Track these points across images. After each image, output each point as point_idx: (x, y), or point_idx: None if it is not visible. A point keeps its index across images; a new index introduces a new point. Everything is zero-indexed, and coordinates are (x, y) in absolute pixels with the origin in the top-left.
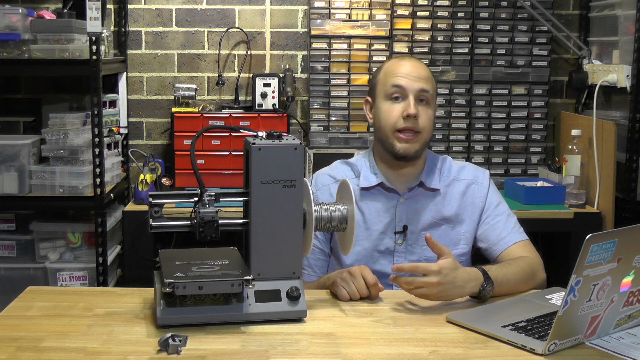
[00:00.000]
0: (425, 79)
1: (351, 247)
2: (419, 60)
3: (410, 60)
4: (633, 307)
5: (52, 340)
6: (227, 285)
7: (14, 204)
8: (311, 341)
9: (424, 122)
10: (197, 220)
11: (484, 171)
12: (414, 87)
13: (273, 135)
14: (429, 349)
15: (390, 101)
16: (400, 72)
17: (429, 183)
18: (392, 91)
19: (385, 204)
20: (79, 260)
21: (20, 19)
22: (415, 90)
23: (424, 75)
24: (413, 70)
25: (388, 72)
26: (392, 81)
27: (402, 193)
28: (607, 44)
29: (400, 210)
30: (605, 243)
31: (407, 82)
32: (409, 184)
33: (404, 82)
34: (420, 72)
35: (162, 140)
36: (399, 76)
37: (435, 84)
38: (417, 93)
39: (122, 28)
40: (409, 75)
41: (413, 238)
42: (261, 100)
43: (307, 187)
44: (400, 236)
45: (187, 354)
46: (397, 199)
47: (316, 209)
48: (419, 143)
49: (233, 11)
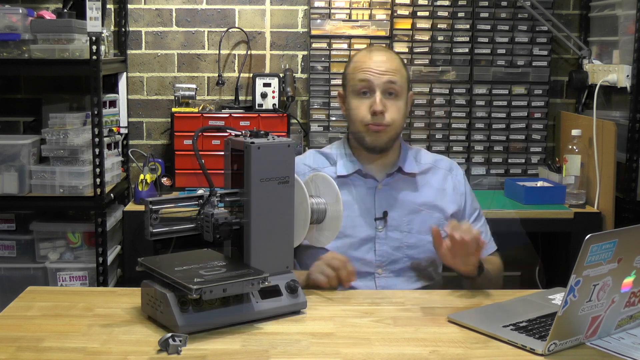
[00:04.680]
0: (393, 71)
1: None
2: (389, 51)
3: (378, 52)
4: (634, 307)
5: (52, 340)
6: (248, 284)
7: (14, 204)
8: (311, 341)
9: (392, 115)
10: (211, 222)
11: (458, 166)
12: (381, 80)
13: (259, 134)
14: (429, 349)
15: (359, 96)
16: (367, 66)
17: (407, 168)
18: (359, 86)
19: (363, 191)
20: (79, 260)
21: (20, 19)
22: (381, 84)
23: (392, 67)
24: (380, 63)
25: (356, 66)
26: (359, 76)
27: (380, 179)
28: (607, 44)
29: (380, 197)
30: (606, 243)
31: (374, 76)
32: (387, 170)
33: (371, 77)
34: (388, 65)
35: (162, 140)
36: (365, 70)
37: (406, 73)
38: (384, 86)
39: (122, 28)
40: (375, 68)
41: (394, 224)
42: (261, 100)
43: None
44: (381, 222)
45: (187, 354)
46: (375, 185)
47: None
48: (388, 135)
49: (233, 11)
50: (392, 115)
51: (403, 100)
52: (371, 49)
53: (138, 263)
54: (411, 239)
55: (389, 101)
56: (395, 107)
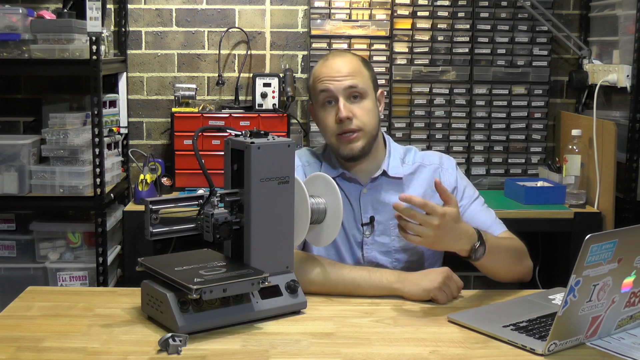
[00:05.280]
0: (352, 74)
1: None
2: (345, 54)
3: (333, 58)
4: (635, 307)
5: (52, 340)
6: (248, 284)
7: (14, 204)
8: (311, 341)
9: (362, 118)
10: (211, 222)
11: (450, 158)
12: (341, 87)
13: (259, 134)
14: (429, 349)
15: (324, 107)
16: (325, 75)
17: (392, 172)
18: (321, 97)
19: (348, 195)
20: (79, 260)
21: (20, 19)
22: (342, 90)
23: (350, 69)
24: (337, 68)
25: (315, 78)
26: (319, 86)
27: (365, 183)
28: (607, 44)
29: (365, 201)
30: (606, 243)
31: (333, 84)
32: (371, 174)
33: (330, 85)
34: (346, 68)
35: (162, 140)
36: (323, 80)
37: (368, 72)
38: (346, 92)
39: (122, 28)
40: (333, 76)
41: (381, 228)
42: (261, 100)
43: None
44: (368, 228)
45: (187, 354)
46: (359, 189)
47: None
48: (362, 140)
49: (233, 11)
50: (361, 119)
51: (370, 100)
52: (327, 56)
53: (138, 263)
54: (400, 242)
55: (354, 105)
56: (362, 109)
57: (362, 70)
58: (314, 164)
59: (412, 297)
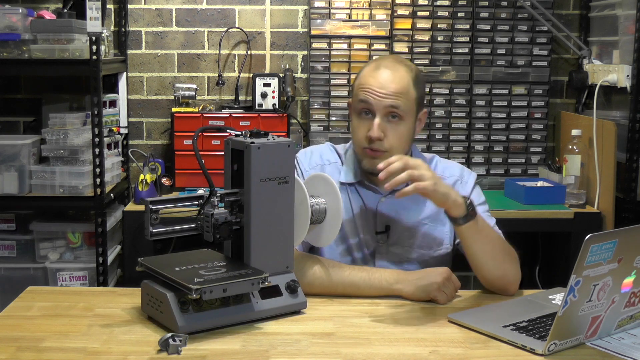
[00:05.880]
0: (397, 94)
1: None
2: (399, 66)
3: (385, 69)
4: (635, 307)
5: (52, 340)
6: (248, 284)
7: (14, 204)
8: (311, 341)
9: (391, 141)
10: (211, 222)
11: (471, 172)
12: (382, 104)
13: (259, 134)
14: (429, 349)
15: (359, 116)
16: (369, 86)
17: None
18: (359, 107)
19: (365, 202)
20: (79, 260)
21: (20, 19)
22: (382, 108)
23: (397, 89)
24: (384, 83)
25: (360, 83)
26: (360, 95)
27: (384, 192)
28: (607, 44)
29: (382, 210)
30: (606, 243)
31: (375, 99)
32: None
33: (371, 99)
34: (393, 86)
35: (162, 140)
36: (366, 90)
37: (416, 93)
38: (385, 111)
39: (122, 28)
40: (378, 90)
41: (394, 238)
42: (261, 100)
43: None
44: (382, 236)
45: (187, 354)
46: (378, 197)
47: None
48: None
49: (233, 11)
50: (392, 142)
51: (408, 123)
52: (379, 62)
53: (138, 263)
54: (413, 254)
55: (390, 125)
56: (396, 133)
57: (410, 91)
58: (334, 164)
59: (412, 297)
